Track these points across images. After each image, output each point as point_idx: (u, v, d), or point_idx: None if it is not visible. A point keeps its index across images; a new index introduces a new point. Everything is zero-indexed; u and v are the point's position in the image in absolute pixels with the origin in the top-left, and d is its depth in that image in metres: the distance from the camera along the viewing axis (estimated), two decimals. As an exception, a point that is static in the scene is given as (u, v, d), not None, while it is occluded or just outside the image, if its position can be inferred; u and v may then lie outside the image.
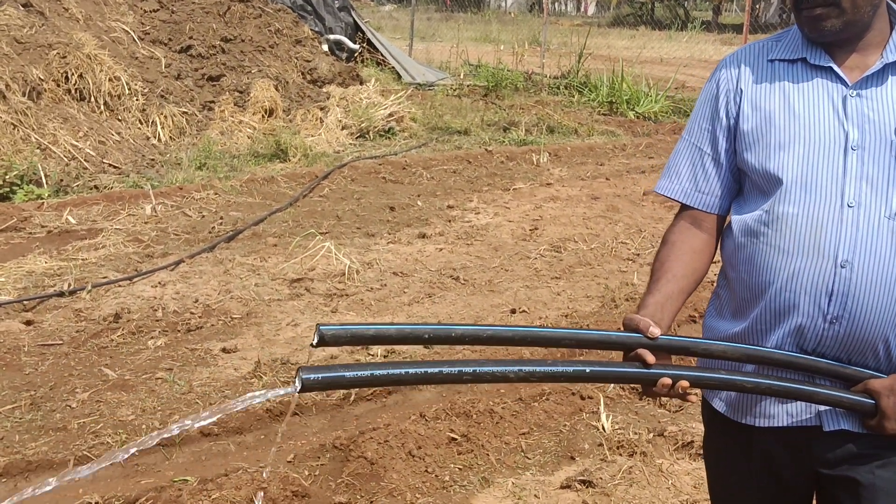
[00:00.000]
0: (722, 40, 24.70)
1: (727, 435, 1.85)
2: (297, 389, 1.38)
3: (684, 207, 1.91)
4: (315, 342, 1.44)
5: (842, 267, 1.62)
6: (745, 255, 1.76)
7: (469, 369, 1.49)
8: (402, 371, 1.46)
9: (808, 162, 1.67)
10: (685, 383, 1.61)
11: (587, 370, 1.58)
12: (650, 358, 1.61)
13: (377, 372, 1.44)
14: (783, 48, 1.79)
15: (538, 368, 1.54)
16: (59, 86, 8.26)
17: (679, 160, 1.91)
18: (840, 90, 1.70)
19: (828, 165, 1.66)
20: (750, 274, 1.75)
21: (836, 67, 1.71)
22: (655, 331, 1.62)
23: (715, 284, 1.95)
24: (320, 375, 1.39)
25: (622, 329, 1.69)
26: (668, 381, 1.60)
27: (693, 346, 1.69)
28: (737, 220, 1.80)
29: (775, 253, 1.69)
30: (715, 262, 1.89)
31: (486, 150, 9.48)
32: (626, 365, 1.64)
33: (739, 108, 1.79)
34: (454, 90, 13.46)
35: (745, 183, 1.83)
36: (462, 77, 14.57)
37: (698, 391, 1.75)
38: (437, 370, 1.47)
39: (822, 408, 1.70)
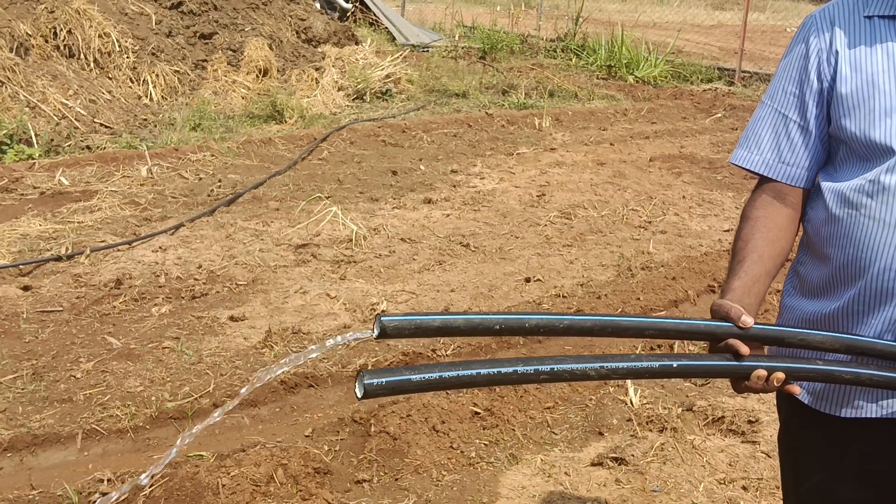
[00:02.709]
0: (714, 5, 24.39)
1: (813, 428, 1.69)
2: (359, 396, 1.28)
3: (765, 180, 1.73)
4: (376, 334, 1.33)
5: None
6: (842, 230, 1.58)
7: (546, 367, 1.36)
8: (474, 372, 1.32)
9: None
10: (781, 375, 1.47)
11: (674, 364, 1.46)
12: (744, 349, 1.47)
13: (446, 374, 1.31)
14: (881, 2, 1.60)
15: (621, 364, 1.42)
16: (47, 42, 7.98)
17: (760, 128, 1.73)
18: None
19: None
20: (845, 250, 1.58)
21: None
22: (748, 320, 1.48)
23: (793, 259, 1.79)
24: (384, 380, 1.28)
25: (711, 315, 1.55)
26: (763, 373, 1.46)
27: (789, 337, 1.54)
28: (830, 188, 1.62)
29: (880, 228, 1.52)
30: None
31: (486, 113, 9.27)
32: (716, 357, 1.50)
33: (836, 69, 1.60)
34: (449, 52, 13.17)
35: (838, 150, 1.65)
36: (457, 39, 14.27)
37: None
38: (511, 370, 1.34)
39: None
